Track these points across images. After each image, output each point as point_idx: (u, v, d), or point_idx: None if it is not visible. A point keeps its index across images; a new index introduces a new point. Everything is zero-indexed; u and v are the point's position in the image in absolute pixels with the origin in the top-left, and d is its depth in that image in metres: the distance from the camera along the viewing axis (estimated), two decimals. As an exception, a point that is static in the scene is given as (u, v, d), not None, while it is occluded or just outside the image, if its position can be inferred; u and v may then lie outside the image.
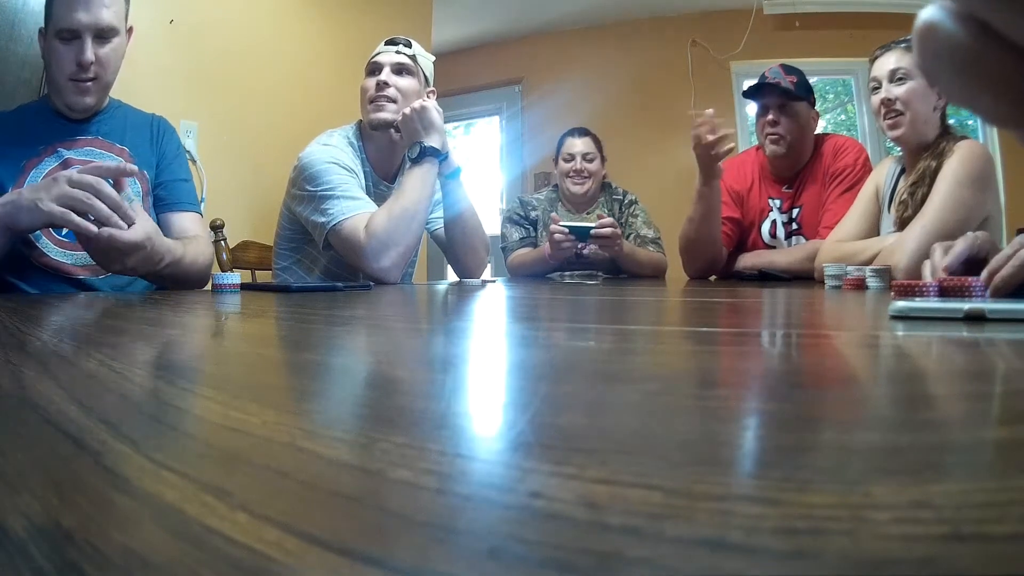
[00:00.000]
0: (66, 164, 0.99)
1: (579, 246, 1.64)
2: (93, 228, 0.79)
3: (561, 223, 1.65)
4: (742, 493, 0.12)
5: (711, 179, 1.44)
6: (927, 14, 0.12)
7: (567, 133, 1.92)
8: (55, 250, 0.97)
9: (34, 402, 0.21)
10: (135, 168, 0.86)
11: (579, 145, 1.85)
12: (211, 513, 0.11)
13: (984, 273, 0.57)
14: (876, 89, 1.23)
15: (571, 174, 1.85)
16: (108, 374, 0.26)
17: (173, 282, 0.99)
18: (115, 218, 0.80)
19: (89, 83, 0.99)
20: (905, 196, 1.18)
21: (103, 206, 0.79)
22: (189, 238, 1.05)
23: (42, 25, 1.01)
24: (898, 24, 2.48)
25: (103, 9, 0.97)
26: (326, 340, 0.41)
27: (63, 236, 0.98)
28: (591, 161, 1.85)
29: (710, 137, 1.37)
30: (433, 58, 1.39)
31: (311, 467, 0.14)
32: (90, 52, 0.97)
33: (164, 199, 1.09)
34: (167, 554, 0.10)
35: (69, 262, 0.98)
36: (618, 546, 0.10)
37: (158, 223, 1.06)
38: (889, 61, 1.20)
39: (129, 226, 0.82)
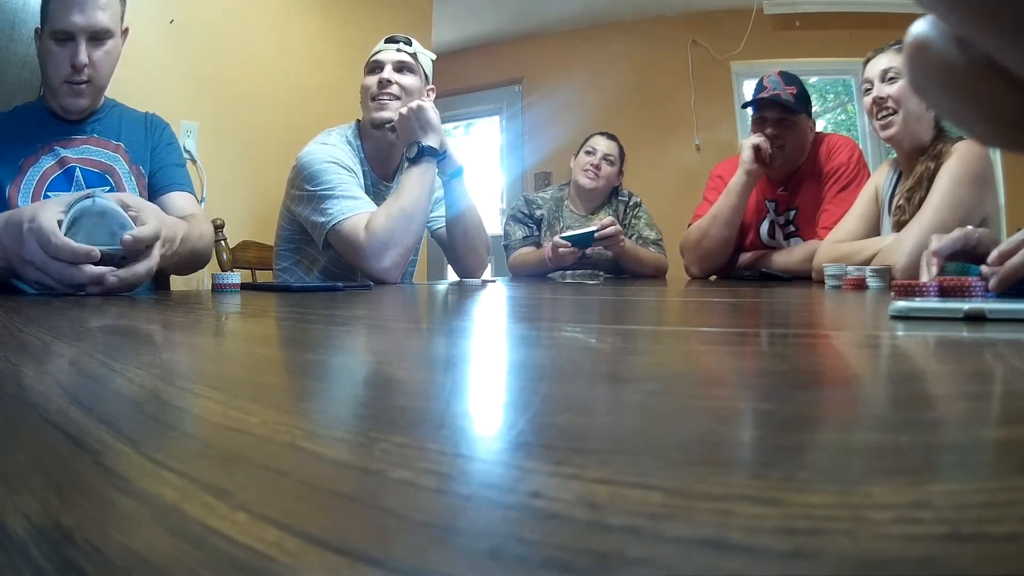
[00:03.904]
0: (63, 162, 1.00)
1: (581, 252, 1.66)
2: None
3: (563, 235, 1.67)
4: (742, 493, 0.12)
5: (753, 177, 1.51)
6: (918, 29, 0.11)
7: (597, 133, 1.95)
8: None
9: (34, 402, 0.21)
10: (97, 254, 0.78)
11: (604, 145, 1.89)
12: (211, 513, 0.11)
13: (995, 253, 0.57)
14: (868, 90, 1.23)
15: (587, 167, 1.86)
16: (108, 374, 0.26)
17: (182, 264, 0.97)
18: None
19: (83, 85, 0.99)
20: (902, 201, 1.18)
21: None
22: (187, 215, 1.04)
23: (38, 25, 1.01)
24: (898, 24, 2.48)
25: (98, 11, 0.97)
26: (326, 340, 0.41)
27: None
28: (611, 164, 1.88)
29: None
30: (433, 56, 1.39)
31: (311, 467, 0.14)
32: (84, 54, 0.96)
33: (156, 183, 1.09)
34: (167, 554, 0.10)
35: None
36: (618, 546, 0.10)
37: None
38: (881, 62, 1.21)
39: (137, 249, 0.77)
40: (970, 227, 0.74)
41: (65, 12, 0.95)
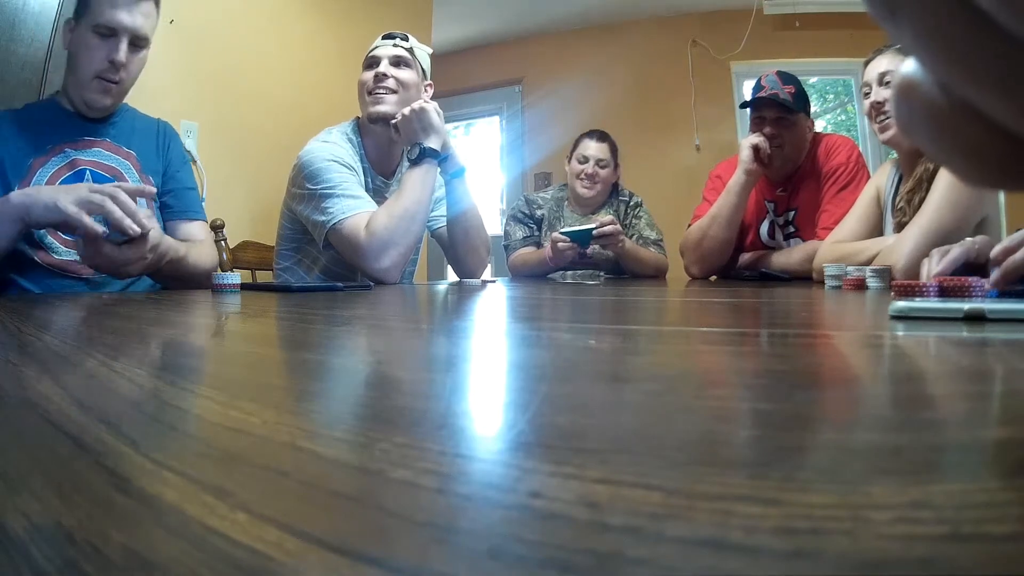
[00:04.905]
0: (73, 164, 1.00)
1: (581, 250, 1.66)
2: (99, 228, 0.81)
3: (562, 230, 1.66)
4: (742, 493, 0.12)
5: (752, 176, 1.51)
6: (907, 69, 0.12)
7: (586, 134, 1.91)
8: (62, 250, 0.98)
9: (34, 402, 0.21)
10: (153, 190, 0.90)
11: (595, 150, 1.85)
12: (211, 513, 0.11)
13: (997, 249, 0.57)
14: (867, 94, 1.24)
15: (582, 176, 1.84)
16: (108, 374, 0.26)
17: (175, 281, 1.00)
18: (127, 221, 0.82)
19: (113, 84, 1.01)
20: (903, 203, 1.18)
21: (117, 209, 0.82)
22: (194, 242, 1.07)
23: (70, 16, 1.02)
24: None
25: (143, 17, 1.01)
26: (326, 340, 0.41)
27: (69, 236, 0.99)
28: (604, 167, 1.85)
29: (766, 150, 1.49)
30: (430, 50, 1.39)
31: (311, 467, 0.14)
32: (124, 53, 0.99)
33: (173, 207, 1.12)
34: (167, 554, 0.10)
35: (75, 260, 0.99)
36: (618, 546, 0.10)
37: (165, 229, 1.08)
38: (879, 65, 1.21)
39: (140, 235, 0.84)
40: (968, 239, 0.74)
41: (113, 8, 0.98)
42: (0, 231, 0.82)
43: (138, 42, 1.02)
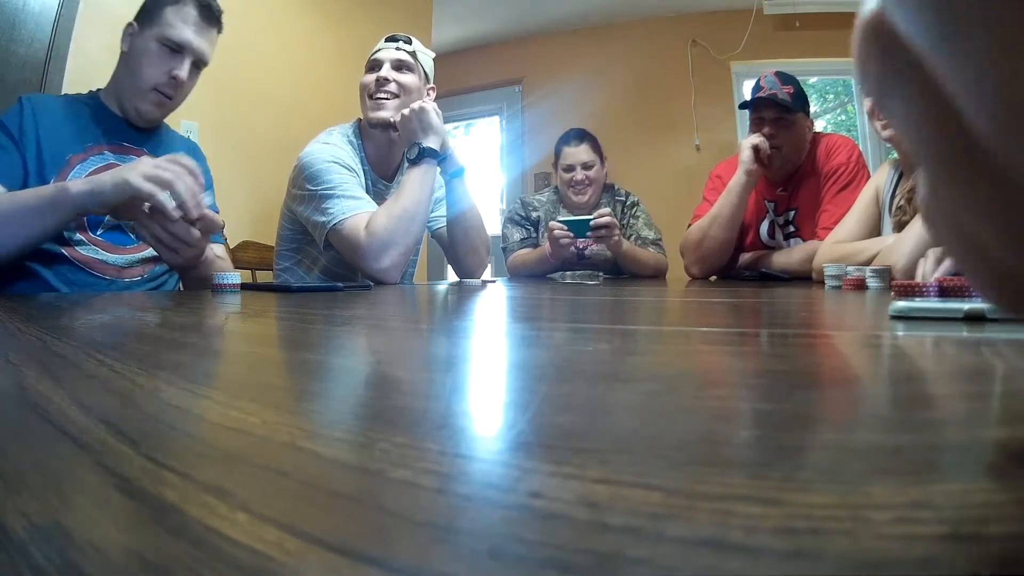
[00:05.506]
0: (109, 168, 1.00)
1: (579, 243, 1.65)
2: (174, 214, 0.82)
3: (559, 219, 1.65)
4: (742, 493, 0.12)
5: (753, 176, 1.51)
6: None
7: (563, 140, 1.87)
8: (90, 247, 0.98)
9: (34, 402, 0.21)
10: (203, 180, 0.91)
11: (578, 154, 1.82)
12: (211, 513, 0.11)
13: None
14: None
15: (572, 184, 1.83)
16: (108, 374, 0.26)
17: (199, 283, 1.02)
18: (192, 202, 0.83)
19: (168, 99, 1.03)
20: (903, 202, 1.18)
21: (185, 189, 0.83)
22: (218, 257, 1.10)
23: (132, 21, 1.03)
24: (898, 24, 2.48)
25: (208, 44, 1.05)
26: (326, 340, 0.41)
27: (98, 235, 0.99)
28: (591, 168, 1.82)
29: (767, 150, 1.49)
30: (433, 54, 1.39)
31: (311, 467, 0.14)
32: (186, 71, 1.02)
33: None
34: (167, 554, 0.10)
35: (100, 259, 0.99)
36: (618, 546, 0.10)
37: None
38: None
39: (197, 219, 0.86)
40: None
41: (185, 25, 1.01)
42: (56, 219, 0.82)
43: (198, 64, 1.05)
